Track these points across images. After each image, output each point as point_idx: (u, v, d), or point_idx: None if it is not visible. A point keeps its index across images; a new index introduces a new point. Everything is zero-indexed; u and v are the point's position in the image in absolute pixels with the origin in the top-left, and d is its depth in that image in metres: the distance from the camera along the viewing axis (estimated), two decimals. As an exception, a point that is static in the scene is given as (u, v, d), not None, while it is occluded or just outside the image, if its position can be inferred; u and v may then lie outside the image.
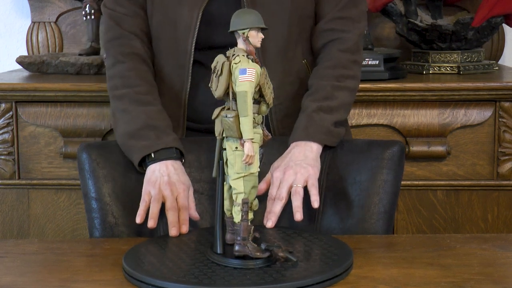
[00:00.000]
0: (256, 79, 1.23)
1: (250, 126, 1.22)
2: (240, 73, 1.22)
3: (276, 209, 1.47)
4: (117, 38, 1.71)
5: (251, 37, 1.25)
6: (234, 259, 1.23)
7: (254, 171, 1.26)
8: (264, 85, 1.26)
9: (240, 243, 1.22)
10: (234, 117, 1.23)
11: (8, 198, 2.35)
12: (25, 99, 2.30)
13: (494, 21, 2.42)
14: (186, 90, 1.72)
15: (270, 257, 1.22)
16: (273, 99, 1.30)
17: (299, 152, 1.56)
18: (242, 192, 1.25)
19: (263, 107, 1.29)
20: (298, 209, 1.46)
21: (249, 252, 1.22)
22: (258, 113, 1.28)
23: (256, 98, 1.27)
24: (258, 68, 1.24)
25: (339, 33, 1.71)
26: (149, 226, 1.47)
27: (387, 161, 1.57)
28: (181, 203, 1.51)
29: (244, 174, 1.25)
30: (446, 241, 1.41)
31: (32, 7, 2.78)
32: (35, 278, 1.26)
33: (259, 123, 1.29)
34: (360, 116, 2.28)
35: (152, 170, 1.56)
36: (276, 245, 1.23)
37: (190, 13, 1.68)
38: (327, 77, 1.66)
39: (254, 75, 1.23)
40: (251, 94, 1.23)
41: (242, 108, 1.22)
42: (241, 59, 1.23)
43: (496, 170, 2.28)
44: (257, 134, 1.27)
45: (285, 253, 1.21)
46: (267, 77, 1.28)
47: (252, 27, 1.25)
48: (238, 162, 1.25)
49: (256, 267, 1.21)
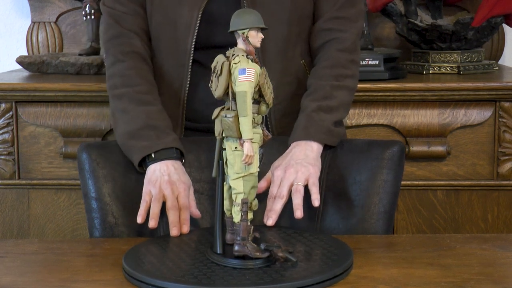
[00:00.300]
0: (256, 79, 1.23)
1: (249, 126, 1.22)
2: (240, 73, 1.22)
3: (277, 208, 1.47)
4: (117, 36, 1.71)
5: (251, 37, 1.25)
6: (234, 259, 1.23)
7: (253, 171, 1.26)
8: (264, 85, 1.26)
9: (240, 243, 1.22)
10: (233, 117, 1.23)
11: (8, 198, 2.35)
12: (25, 99, 2.30)
13: (494, 21, 2.42)
14: (185, 89, 1.72)
15: (269, 257, 1.22)
16: (273, 99, 1.30)
17: (300, 151, 1.56)
18: (242, 192, 1.25)
19: (263, 107, 1.28)
20: (299, 206, 1.46)
21: (249, 252, 1.22)
22: (258, 113, 1.28)
23: (256, 98, 1.27)
24: (257, 68, 1.24)
25: (336, 32, 1.71)
26: (150, 226, 1.47)
27: (387, 161, 1.57)
28: (182, 203, 1.51)
29: (244, 174, 1.25)
30: (446, 241, 1.41)
31: (32, 7, 2.78)
32: (35, 278, 1.26)
33: (258, 123, 1.29)
34: (360, 116, 2.28)
35: (152, 170, 1.56)
36: (275, 245, 1.23)
37: (190, 12, 1.68)
38: (325, 77, 1.67)
39: (254, 75, 1.23)
40: (251, 94, 1.23)
41: (241, 108, 1.22)
42: (240, 59, 1.23)
43: (496, 170, 2.28)
44: (257, 134, 1.27)
45: (284, 253, 1.21)
46: (267, 77, 1.28)
47: (252, 27, 1.25)
48: (238, 162, 1.25)
49: (256, 267, 1.21)
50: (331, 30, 1.72)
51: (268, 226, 1.45)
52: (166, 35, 1.72)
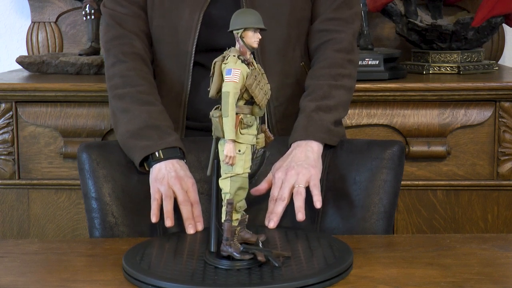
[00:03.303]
0: (241, 80, 1.22)
1: (230, 127, 1.21)
2: (226, 74, 1.22)
3: (278, 210, 1.47)
4: (118, 37, 1.71)
5: (246, 38, 1.23)
6: (222, 259, 1.23)
7: (239, 172, 1.24)
8: (252, 86, 1.23)
9: (224, 243, 1.23)
10: (218, 117, 1.23)
11: (8, 198, 2.35)
12: (25, 99, 2.30)
13: (494, 21, 2.42)
14: (187, 91, 1.72)
15: (253, 259, 1.22)
16: (270, 101, 1.29)
17: (300, 153, 1.56)
18: (228, 192, 1.25)
19: (256, 108, 1.26)
20: (300, 209, 1.46)
21: (231, 253, 1.22)
22: (252, 114, 1.26)
23: (248, 99, 1.25)
24: (244, 69, 1.22)
25: (333, 33, 1.72)
26: (167, 226, 1.48)
27: (387, 161, 1.57)
28: (193, 198, 1.52)
29: (231, 175, 1.25)
30: (446, 241, 1.41)
31: (32, 7, 2.78)
32: (35, 278, 1.26)
33: (249, 124, 1.26)
34: (360, 116, 2.28)
35: (158, 168, 1.56)
36: (257, 248, 1.22)
37: (191, 15, 1.69)
38: (323, 77, 1.67)
39: (239, 76, 1.21)
40: (235, 94, 1.21)
41: (224, 108, 1.21)
42: (230, 59, 1.23)
43: (496, 170, 2.28)
44: (249, 136, 1.25)
45: (268, 254, 1.21)
46: (259, 78, 1.25)
47: (246, 27, 1.23)
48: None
49: (254, 267, 1.21)
50: (328, 31, 1.72)
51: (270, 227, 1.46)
52: (167, 38, 1.72)
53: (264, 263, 1.22)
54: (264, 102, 1.26)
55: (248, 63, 1.24)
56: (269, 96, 1.29)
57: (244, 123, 1.25)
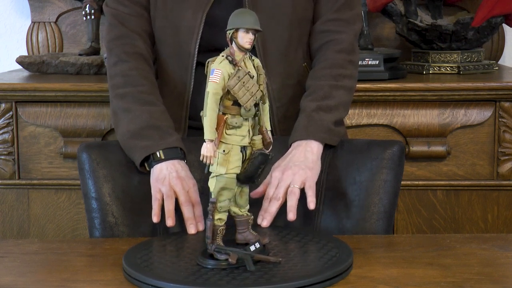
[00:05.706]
0: (221, 81, 1.21)
1: (208, 127, 1.20)
2: (210, 74, 1.22)
3: (272, 209, 1.47)
4: (120, 37, 1.71)
5: (238, 38, 1.22)
6: (209, 259, 1.23)
7: (222, 172, 1.24)
8: (235, 87, 1.21)
9: (206, 241, 1.23)
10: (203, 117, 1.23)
11: (8, 198, 2.35)
12: (25, 99, 2.30)
13: (494, 21, 2.42)
14: (189, 92, 1.72)
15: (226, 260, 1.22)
16: (271, 101, 1.28)
17: (299, 153, 1.56)
18: (212, 192, 1.25)
19: (243, 110, 1.24)
20: (292, 208, 1.46)
21: (212, 252, 1.23)
22: (241, 116, 1.24)
23: (234, 99, 1.23)
24: (226, 69, 1.21)
25: (334, 34, 1.72)
26: (168, 225, 1.48)
27: (387, 161, 1.57)
28: (194, 198, 1.52)
29: (215, 174, 1.25)
30: (446, 241, 1.41)
31: (32, 7, 2.78)
32: (35, 278, 1.26)
33: (235, 125, 1.23)
34: (360, 116, 2.28)
35: (159, 169, 1.56)
36: (235, 250, 1.22)
37: (194, 16, 1.69)
38: (324, 77, 1.67)
39: (219, 77, 1.21)
40: (214, 95, 1.20)
41: (204, 108, 1.21)
42: (217, 59, 1.22)
43: (496, 170, 2.28)
44: (236, 137, 1.24)
45: (244, 257, 1.20)
46: (244, 79, 1.22)
47: (236, 27, 1.21)
48: (214, 161, 1.24)
49: (255, 267, 1.21)
50: (329, 31, 1.72)
51: (269, 226, 1.45)
52: (170, 38, 1.72)
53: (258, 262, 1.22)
54: (249, 104, 1.23)
55: (235, 63, 1.22)
56: (258, 99, 1.25)
57: (229, 124, 1.23)
